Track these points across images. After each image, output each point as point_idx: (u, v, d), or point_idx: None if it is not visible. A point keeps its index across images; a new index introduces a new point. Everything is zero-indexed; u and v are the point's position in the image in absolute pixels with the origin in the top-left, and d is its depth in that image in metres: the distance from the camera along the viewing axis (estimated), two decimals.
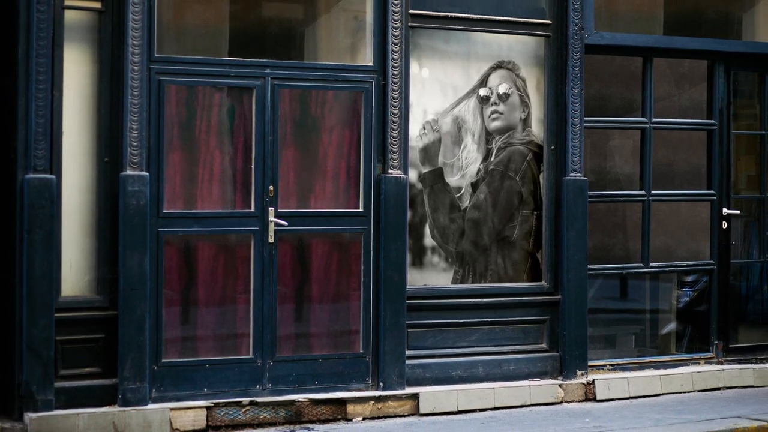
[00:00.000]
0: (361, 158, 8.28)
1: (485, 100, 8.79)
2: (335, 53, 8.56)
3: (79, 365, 7.48)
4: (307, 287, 8.14)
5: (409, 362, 8.34)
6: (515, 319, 8.78)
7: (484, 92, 8.79)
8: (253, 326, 7.95)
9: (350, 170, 8.28)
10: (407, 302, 8.33)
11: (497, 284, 8.78)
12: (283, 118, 8.07)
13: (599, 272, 9.37)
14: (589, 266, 9.01)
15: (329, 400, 8.01)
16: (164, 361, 7.69)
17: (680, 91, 10.07)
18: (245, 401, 7.79)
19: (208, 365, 7.81)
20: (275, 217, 8.00)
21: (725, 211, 9.74)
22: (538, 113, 8.95)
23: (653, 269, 9.60)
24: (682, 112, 10.00)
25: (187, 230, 7.80)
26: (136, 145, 7.54)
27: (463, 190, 8.71)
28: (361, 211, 8.29)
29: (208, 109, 7.89)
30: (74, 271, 7.54)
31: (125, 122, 7.53)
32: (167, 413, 7.53)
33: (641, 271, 9.59)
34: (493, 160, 8.80)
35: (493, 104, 8.81)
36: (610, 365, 9.21)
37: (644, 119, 9.45)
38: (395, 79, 8.30)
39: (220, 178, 7.92)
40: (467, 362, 8.57)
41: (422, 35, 8.58)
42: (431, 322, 8.52)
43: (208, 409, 7.66)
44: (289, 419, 7.87)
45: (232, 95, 7.98)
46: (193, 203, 7.85)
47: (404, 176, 8.34)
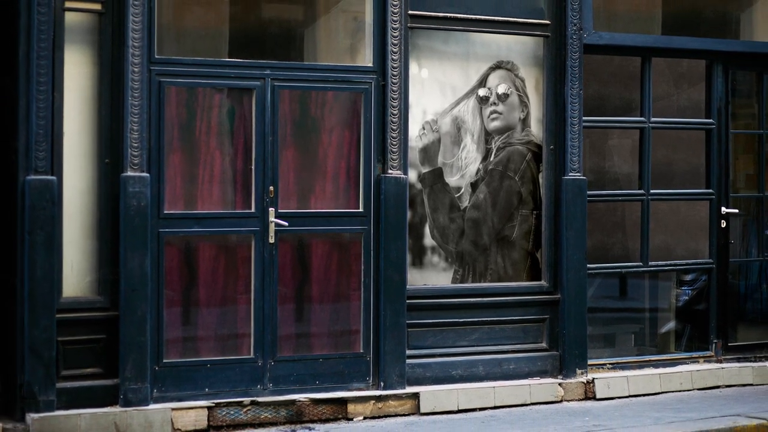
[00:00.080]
0: (361, 158, 8.29)
1: (484, 100, 8.80)
2: (335, 54, 8.57)
3: (80, 366, 7.48)
4: (307, 287, 8.15)
5: (409, 362, 8.35)
6: (515, 318, 8.79)
7: (483, 92, 8.80)
8: (253, 326, 7.96)
9: (350, 170, 8.29)
10: (407, 302, 8.34)
11: (497, 284, 8.79)
12: (283, 118, 8.09)
13: (598, 271, 9.37)
14: (588, 265, 9.01)
15: (330, 399, 8.02)
16: (165, 361, 7.71)
17: (679, 90, 10.08)
18: (246, 401, 7.80)
19: (209, 365, 7.83)
20: (275, 217, 8.01)
21: (724, 210, 9.74)
22: (537, 113, 8.97)
23: (652, 268, 9.62)
24: (680, 111, 10.01)
25: (187, 231, 7.81)
26: (136, 146, 7.55)
27: (462, 190, 8.72)
28: (361, 211, 8.30)
29: (208, 110, 7.90)
30: (75, 272, 7.54)
31: (126, 123, 7.54)
32: (169, 413, 7.54)
33: (640, 270, 9.60)
34: (492, 160, 8.81)
35: (492, 104, 8.82)
36: (609, 364, 9.22)
37: (643, 119, 9.46)
38: (395, 79, 8.31)
39: (220, 178, 7.93)
40: (467, 361, 8.58)
41: (421, 36, 8.59)
42: (431, 321, 8.53)
43: (209, 409, 7.67)
44: (290, 419, 7.88)
45: (232, 96, 7.99)
46: (193, 204, 7.86)
47: (404, 176, 8.35)
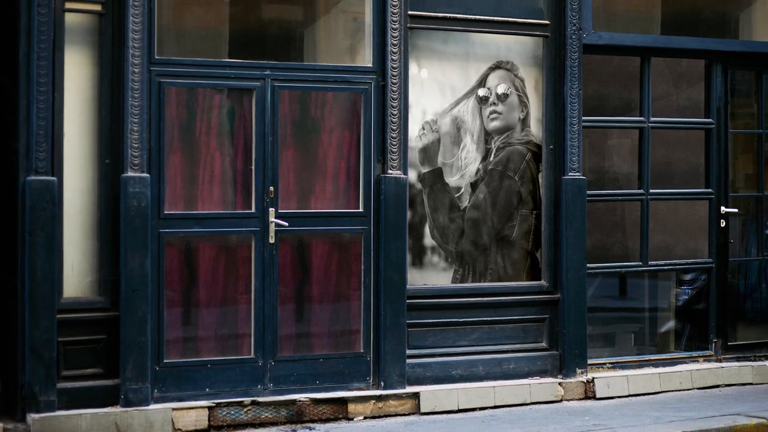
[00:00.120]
0: (360, 159, 8.30)
1: (484, 100, 8.81)
2: (335, 54, 8.58)
3: (81, 366, 7.49)
4: (307, 287, 8.16)
5: (409, 361, 8.36)
6: (515, 318, 8.80)
7: (482, 92, 8.81)
8: (254, 326, 7.97)
9: (350, 171, 8.30)
10: (407, 302, 8.34)
11: (497, 283, 8.80)
12: (283, 119, 8.10)
13: (598, 271, 9.38)
14: (588, 265, 9.02)
15: (330, 399, 8.03)
16: (166, 361, 7.72)
17: (678, 90, 10.09)
18: (247, 401, 7.81)
19: (209, 365, 7.84)
20: (276, 217, 8.02)
21: (723, 209, 9.75)
22: (536, 113, 8.98)
23: (652, 268, 9.62)
24: (679, 111, 10.02)
25: (188, 231, 7.82)
26: (136, 146, 7.56)
27: (462, 189, 8.73)
28: (361, 211, 8.31)
29: (208, 110, 7.91)
30: (76, 272, 7.55)
31: (126, 124, 7.55)
32: (169, 413, 7.55)
33: (640, 269, 9.61)
34: (492, 160, 8.82)
35: (491, 104, 8.83)
36: (609, 363, 9.23)
37: (642, 119, 9.46)
38: (394, 79, 8.32)
39: (220, 179, 7.94)
40: (467, 361, 8.59)
41: (421, 36, 8.60)
42: (431, 321, 8.54)
43: (209, 409, 7.68)
44: (290, 419, 7.89)
45: (232, 97, 8.00)
46: (193, 204, 7.87)
47: (404, 176, 8.36)
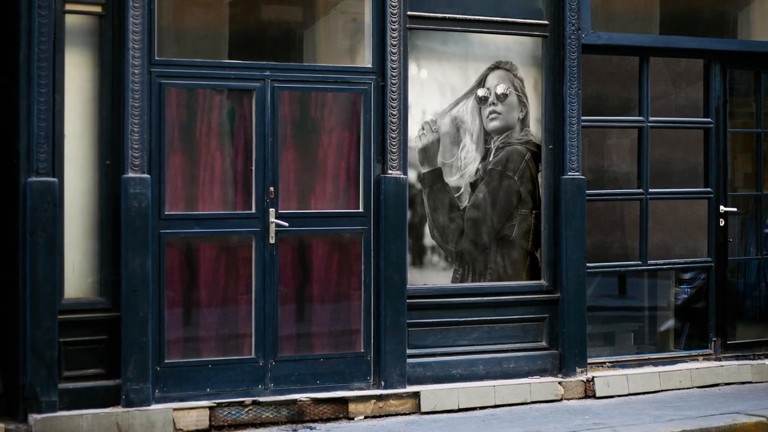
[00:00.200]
0: (360, 159, 8.31)
1: (483, 100, 8.83)
2: (334, 55, 8.60)
3: (82, 366, 7.50)
4: (308, 287, 8.17)
5: (409, 361, 8.37)
6: (515, 317, 8.81)
7: (482, 93, 8.82)
8: (254, 326, 7.98)
9: (350, 171, 8.31)
10: (407, 301, 8.36)
11: (497, 283, 8.81)
12: (283, 119, 8.11)
13: (598, 270, 9.39)
14: (587, 264, 9.03)
15: (331, 399, 8.05)
16: (167, 361, 7.73)
17: (677, 90, 10.10)
18: (248, 401, 7.82)
19: (210, 365, 7.85)
20: (276, 218, 8.04)
21: (722, 208, 9.76)
22: (536, 113, 8.99)
23: (651, 267, 9.64)
24: (678, 110, 10.03)
25: (188, 232, 7.83)
26: (137, 147, 7.58)
27: (462, 189, 8.75)
28: (361, 211, 8.32)
29: (208, 111, 7.93)
30: (77, 273, 7.56)
31: (126, 125, 7.56)
32: (170, 413, 7.56)
33: (639, 268, 9.62)
34: (491, 159, 8.84)
35: (491, 104, 8.85)
36: (609, 362, 9.24)
37: (641, 118, 9.48)
38: (394, 80, 8.33)
39: (220, 179, 7.95)
40: (468, 360, 8.61)
41: (420, 36, 8.62)
42: (432, 321, 8.55)
43: (210, 409, 7.69)
44: (291, 418, 7.91)
45: (232, 97, 8.01)
46: (194, 205, 7.88)
47: (404, 176, 8.38)
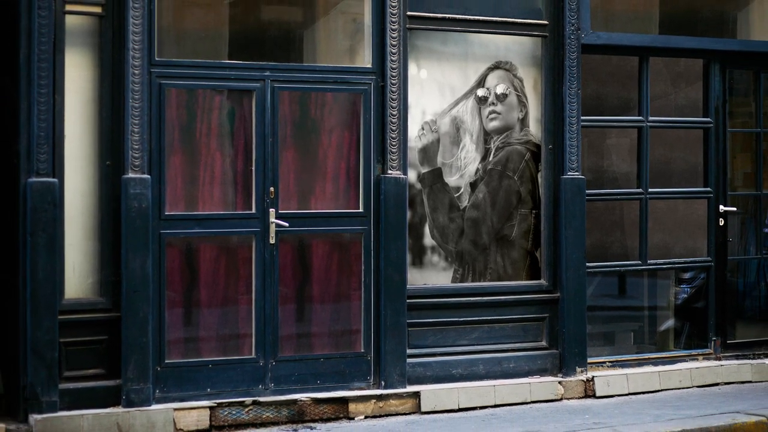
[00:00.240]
0: (360, 159, 8.32)
1: (483, 100, 8.84)
2: (334, 55, 8.60)
3: (83, 367, 7.51)
4: (308, 287, 8.18)
5: (410, 361, 8.38)
6: (515, 317, 8.82)
7: (481, 93, 8.83)
8: (255, 326, 7.99)
9: (350, 171, 8.32)
10: (408, 301, 8.36)
11: (497, 283, 8.82)
12: (283, 120, 8.12)
13: (598, 270, 9.40)
14: (587, 264, 9.04)
15: (331, 399, 8.05)
16: (167, 361, 7.74)
17: (676, 89, 10.11)
18: (248, 401, 7.83)
19: (210, 365, 7.86)
20: (276, 218, 8.04)
21: (722, 208, 9.77)
22: (535, 113, 9.00)
23: (651, 266, 9.64)
24: (678, 110, 10.03)
25: (188, 232, 7.84)
26: (137, 148, 7.58)
27: (462, 189, 8.76)
28: (361, 211, 8.33)
29: (208, 111, 7.93)
30: (77, 273, 7.57)
31: (126, 125, 7.57)
32: (171, 413, 7.57)
33: (639, 268, 9.62)
34: (491, 159, 8.85)
35: (490, 104, 8.86)
36: (609, 362, 9.24)
37: (641, 118, 9.48)
38: (394, 80, 8.34)
39: (221, 180, 7.96)
40: (468, 360, 8.62)
41: (420, 37, 8.62)
42: (432, 320, 8.56)
43: (211, 409, 7.70)
44: (291, 418, 7.91)
45: (232, 98, 8.02)
46: (194, 205, 7.89)
47: (403, 176, 8.38)
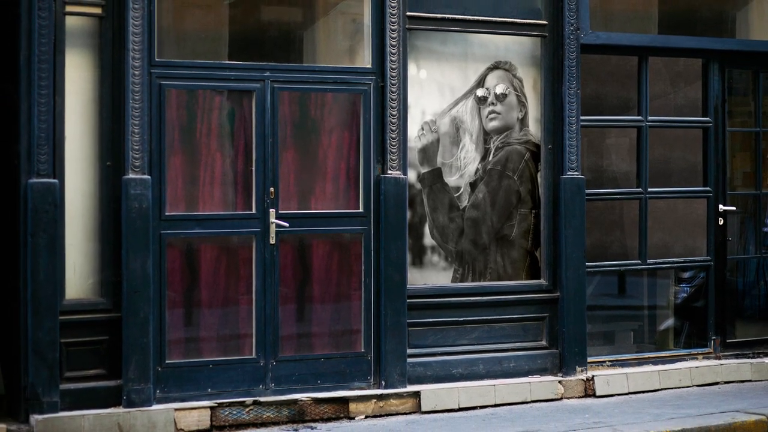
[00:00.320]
0: (360, 159, 8.33)
1: (483, 100, 8.85)
2: (334, 56, 8.61)
3: (83, 367, 7.52)
4: (308, 287, 8.19)
5: (410, 360, 8.39)
6: (515, 316, 8.83)
7: (481, 93, 8.84)
8: (255, 327, 8.00)
9: (350, 171, 8.33)
10: (408, 301, 8.37)
11: (497, 282, 8.83)
12: (282, 120, 8.13)
13: (597, 269, 9.40)
14: (587, 263, 9.04)
15: (332, 399, 8.06)
16: (168, 362, 7.75)
17: (675, 89, 10.12)
18: (248, 401, 7.84)
19: (211, 366, 7.87)
20: (276, 218, 8.05)
21: (721, 207, 9.77)
22: (535, 113, 9.01)
23: (651, 266, 9.65)
24: (677, 110, 10.05)
25: (189, 232, 7.85)
26: (137, 148, 7.59)
27: (461, 189, 8.76)
28: (361, 211, 8.34)
29: (208, 112, 7.94)
30: (78, 274, 7.58)
31: (127, 126, 7.58)
32: (171, 414, 7.58)
33: (639, 267, 9.63)
34: (491, 159, 8.86)
35: (490, 104, 8.87)
36: (609, 361, 9.25)
37: (640, 117, 9.49)
38: (393, 80, 8.35)
39: (221, 180, 7.97)
40: (468, 360, 8.62)
41: (419, 37, 8.63)
42: (432, 320, 8.57)
43: (211, 409, 7.71)
44: (292, 418, 7.92)
45: (232, 98, 8.03)
46: (194, 206, 7.90)
47: (403, 177, 8.39)
